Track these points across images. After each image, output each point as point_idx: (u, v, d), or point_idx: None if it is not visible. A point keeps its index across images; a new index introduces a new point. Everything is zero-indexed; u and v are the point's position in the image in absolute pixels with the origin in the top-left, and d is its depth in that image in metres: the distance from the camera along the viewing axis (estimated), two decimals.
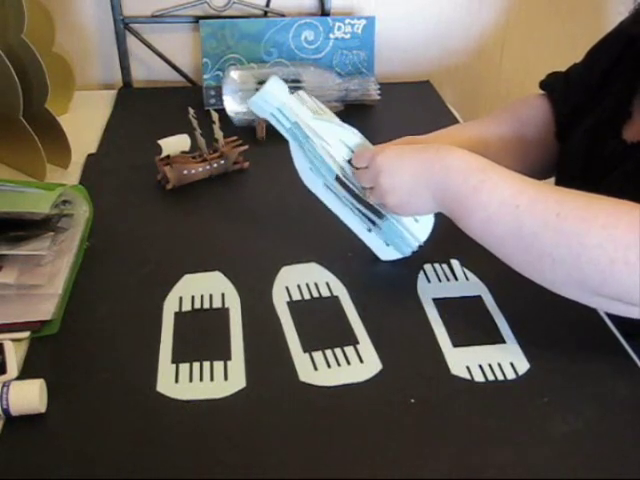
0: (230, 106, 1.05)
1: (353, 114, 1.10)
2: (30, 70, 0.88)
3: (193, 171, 0.89)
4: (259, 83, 1.06)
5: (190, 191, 0.89)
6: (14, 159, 0.95)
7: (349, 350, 0.63)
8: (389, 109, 1.16)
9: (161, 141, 0.88)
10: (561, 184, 0.59)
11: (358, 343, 0.64)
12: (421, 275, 0.73)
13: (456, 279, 0.72)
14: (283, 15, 1.23)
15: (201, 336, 0.64)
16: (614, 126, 0.72)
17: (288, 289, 0.70)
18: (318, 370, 0.61)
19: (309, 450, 0.53)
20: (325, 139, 0.68)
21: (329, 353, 0.63)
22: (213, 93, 1.15)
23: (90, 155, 0.98)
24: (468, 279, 0.72)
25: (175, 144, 0.89)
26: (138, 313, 0.67)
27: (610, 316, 0.67)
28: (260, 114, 0.70)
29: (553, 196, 0.56)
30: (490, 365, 0.62)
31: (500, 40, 1.34)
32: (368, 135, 0.71)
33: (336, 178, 0.70)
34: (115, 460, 0.52)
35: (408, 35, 1.30)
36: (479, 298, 0.70)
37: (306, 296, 0.70)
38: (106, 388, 0.58)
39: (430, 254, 0.75)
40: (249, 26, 1.16)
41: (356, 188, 0.70)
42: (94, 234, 0.78)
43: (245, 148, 0.94)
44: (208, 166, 0.91)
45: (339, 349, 0.63)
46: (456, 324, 0.66)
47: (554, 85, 0.83)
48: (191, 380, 0.59)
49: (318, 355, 0.62)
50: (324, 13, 1.23)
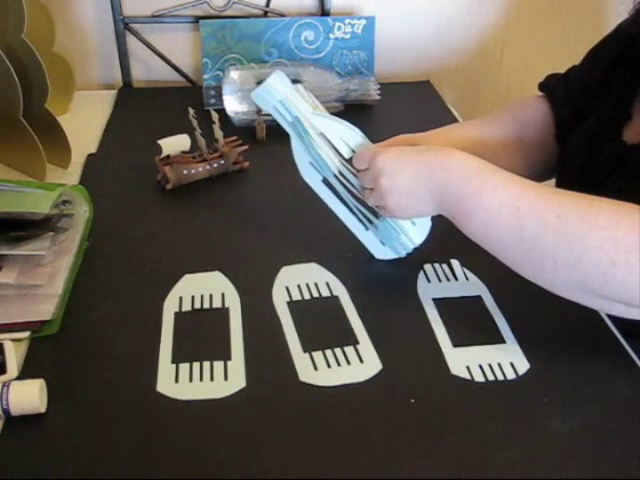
0: (230, 106, 1.05)
1: (353, 114, 1.10)
2: (30, 70, 0.88)
3: (193, 171, 0.89)
4: (259, 83, 1.06)
5: (190, 191, 0.89)
6: (14, 159, 0.95)
7: (349, 350, 0.63)
8: (389, 109, 1.16)
9: (161, 141, 0.88)
10: (561, 186, 0.59)
11: (358, 343, 0.64)
12: (421, 275, 0.73)
13: (456, 279, 0.72)
14: (283, 15, 1.23)
15: (201, 336, 0.64)
16: (614, 128, 0.72)
17: (288, 289, 0.70)
18: (318, 370, 0.61)
19: (309, 450, 0.53)
20: (326, 136, 0.68)
21: (329, 353, 0.63)
22: (213, 93, 1.15)
23: (90, 155, 0.98)
24: (468, 279, 0.72)
25: (175, 144, 0.89)
26: (138, 313, 0.67)
27: (610, 316, 0.67)
28: (263, 106, 0.70)
29: (554, 198, 0.56)
30: (490, 365, 0.62)
31: (500, 40, 1.34)
32: (368, 135, 0.71)
33: (334, 175, 0.70)
34: (115, 460, 0.52)
35: (408, 35, 1.30)
36: (479, 298, 0.70)
37: (306, 296, 0.70)
38: (106, 388, 0.58)
39: (430, 254, 0.75)
40: (249, 26, 1.16)
41: (354, 187, 0.70)
42: (94, 234, 0.78)
43: (245, 148, 0.94)
44: (208, 166, 0.91)
45: (339, 349, 0.63)
46: (456, 324, 0.66)
47: (553, 87, 0.83)
48: (191, 380, 0.59)
49: (318, 355, 0.62)
50: (324, 13, 1.23)
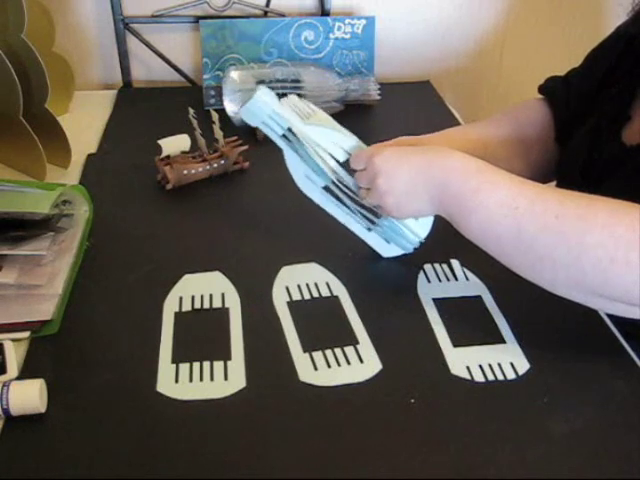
0: (230, 106, 1.05)
1: (353, 114, 1.10)
2: (30, 70, 0.88)
3: (193, 171, 0.89)
4: (259, 83, 1.07)
5: (190, 191, 0.89)
6: (14, 159, 0.95)
7: (349, 350, 0.63)
8: (389, 109, 1.16)
9: (161, 141, 0.88)
10: (561, 187, 0.59)
11: (358, 343, 0.64)
12: (421, 275, 0.73)
13: (456, 279, 0.72)
14: (283, 15, 1.23)
15: (201, 336, 0.64)
16: (614, 129, 0.72)
17: (288, 289, 0.70)
18: (318, 370, 0.61)
19: (309, 450, 0.53)
20: (319, 143, 0.68)
21: (329, 353, 0.63)
22: (213, 93, 1.15)
23: (90, 155, 0.98)
24: (468, 279, 0.72)
25: (175, 144, 0.89)
26: (138, 313, 0.67)
27: (610, 316, 0.67)
28: (252, 122, 0.70)
29: (553, 197, 0.56)
30: (490, 365, 0.62)
31: (500, 40, 1.34)
32: (368, 135, 0.71)
33: (332, 182, 0.70)
34: (115, 460, 0.52)
35: (408, 35, 1.30)
36: (479, 298, 0.70)
37: (306, 296, 0.70)
38: (106, 388, 0.58)
39: (430, 254, 0.75)
40: (249, 26, 1.16)
41: (351, 191, 0.70)
42: (94, 234, 0.78)
43: (245, 148, 0.94)
44: (208, 166, 0.91)
45: (339, 349, 0.63)
46: (456, 324, 0.66)
47: (553, 89, 0.83)
48: (191, 380, 0.59)
49: (318, 355, 0.62)
50: (324, 13, 1.23)
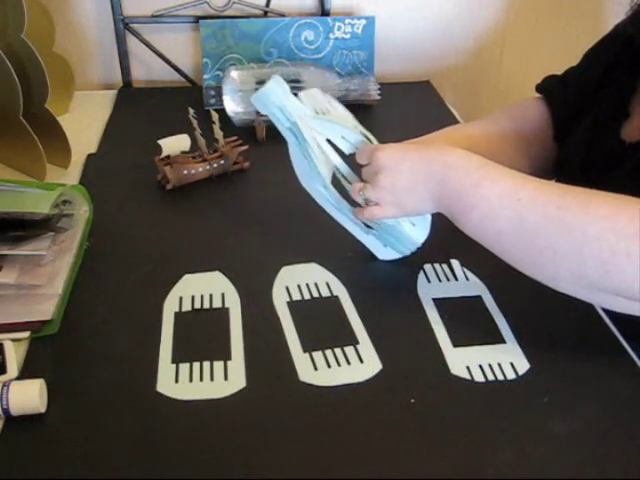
0: (230, 106, 1.05)
1: (353, 114, 1.10)
2: (30, 70, 0.88)
3: (193, 171, 0.89)
4: (259, 83, 1.07)
5: (190, 191, 0.89)
6: (14, 159, 0.95)
7: (349, 350, 0.63)
8: (389, 109, 1.16)
9: (161, 141, 0.88)
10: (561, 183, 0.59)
11: (358, 343, 0.64)
12: (421, 275, 0.73)
13: (456, 279, 0.72)
14: (283, 15, 1.23)
15: (201, 336, 0.64)
16: (612, 126, 0.72)
17: (288, 289, 0.70)
18: (318, 370, 0.61)
19: (309, 450, 0.53)
20: (327, 136, 0.68)
21: (329, 353, 0.63)
22: (213, 93, 1.15)
23: (90, 155, 0.98)
24: (468, 279, 0.72)
25: (175, 144, 0.89)
26: (138, 313, 0.67)
27: (610, 316, 0.67)
28: (262, 110, 0.70)
29: (554, 190, 0.57)
30: (490, 365, 0.62)
31: (500, 40, 1.34)
32: None
33: (329, 184, 0.70)
34: (115, 460, 0.52)
35: (408, 35, 1.30)
36: (479, 298, 0.70)
37: (306, 296, 0.70)
38: (106, 388, 0.58)
39: (430, 254, 0.75)
40: (249, 26, 1.16)
41: (349, 196, 0.70)
42: (94, 234, 0.78)
43: (245, 148, 0.94)
44: (208, 166, 0.91)
45: (339, 349, 0.63)
46: (456, 324, 0.66)
47: (551, 88, 0.84)
48: (191, 380, 0.59)
49: (318, 355, 0.62)
50: (324, 13, 1.23)
